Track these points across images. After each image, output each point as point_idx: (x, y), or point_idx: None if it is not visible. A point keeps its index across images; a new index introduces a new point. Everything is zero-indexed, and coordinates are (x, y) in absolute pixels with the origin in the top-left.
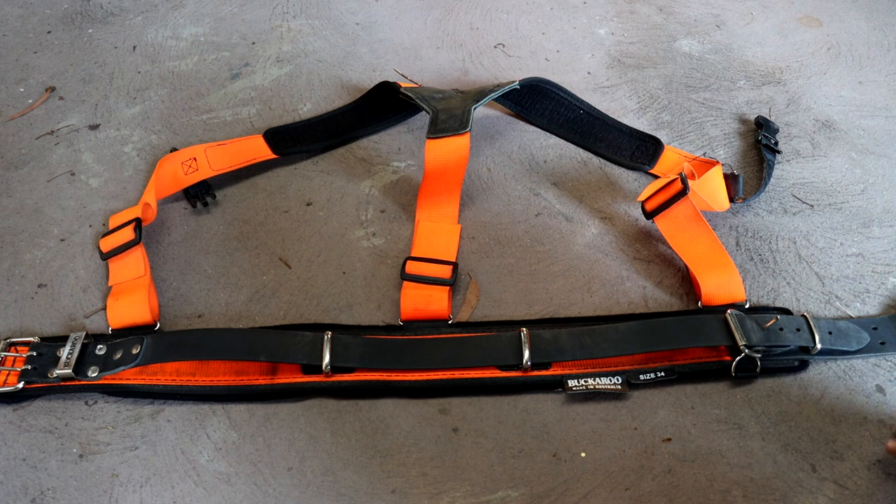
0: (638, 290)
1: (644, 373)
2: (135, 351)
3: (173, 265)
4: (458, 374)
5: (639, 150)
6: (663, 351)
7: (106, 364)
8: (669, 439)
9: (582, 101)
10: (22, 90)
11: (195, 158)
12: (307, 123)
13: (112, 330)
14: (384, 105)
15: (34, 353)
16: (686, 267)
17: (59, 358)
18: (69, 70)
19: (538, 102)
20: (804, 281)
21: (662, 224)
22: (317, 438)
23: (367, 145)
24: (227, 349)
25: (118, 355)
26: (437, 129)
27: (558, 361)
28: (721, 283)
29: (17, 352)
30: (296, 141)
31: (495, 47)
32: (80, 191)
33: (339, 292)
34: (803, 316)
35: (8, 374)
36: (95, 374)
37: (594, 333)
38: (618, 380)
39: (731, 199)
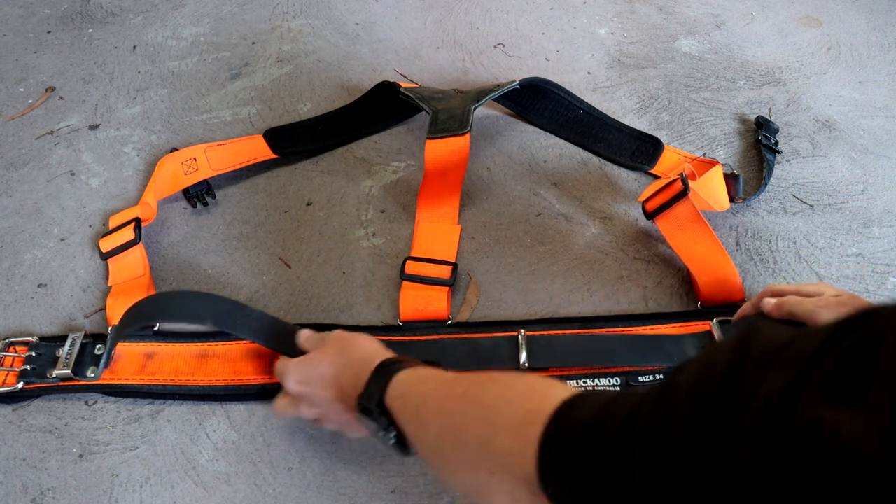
0: (638, 290)
1: (643, 375)
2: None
3: (173, 265)
4: None
5: (639, 150)
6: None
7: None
8: None
9: (582, 101)
10: (22, 90)
11: (195, 158)
12: (307, 123)
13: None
14: (384, 105)
15: (33, 354)
16: (686, 267)
17: (57, 358)
18: (69, 70)
19: (538, 102)
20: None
21: (663, 224)
22: (317, 438)
23: (367, 145)
24: (174, 312)
25: (104, 350)
26: (437, 130)
27: (557, 366)
28: (720, 284)
29: (16, 352)
30: (296, 141)
31: (495, 47)
32: (80, 191)
33: (339, 292)
34: None
35: (7, 375)
36: (94, 374)
37: (595, 341)
38: (617, 381)
39: (731, 199)
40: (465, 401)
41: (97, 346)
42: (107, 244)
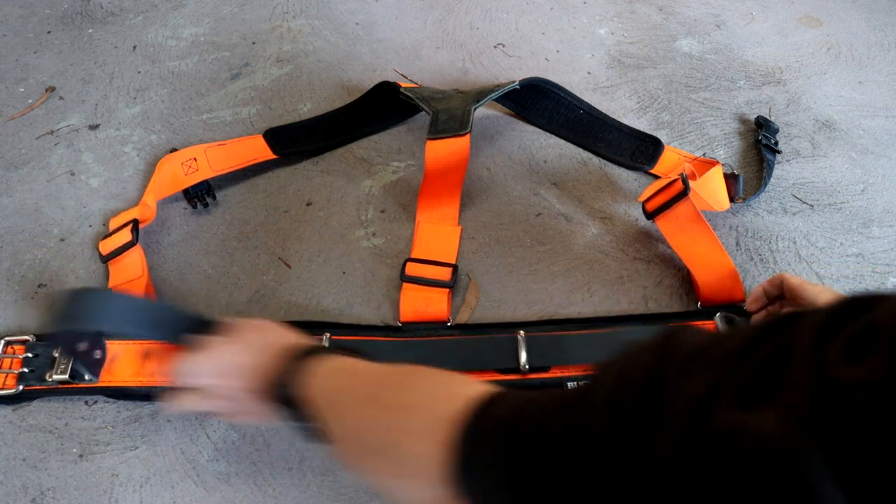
0: (638, 290)
1: None
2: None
3: (173, 265)
4: None
5: (639, 150)
6: None
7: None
8: None
9: (582, 101)
10: (22, 90)
11: (195, 158)
12: (307, 123)
13: None
14: (384, 105)
15: (30, 355)
16: (686, 267)
17: (55, 359)
18: (69, 70)
19: (538, 102)
20: None
21: (663, 224)
22: None
23: (367, 145)
24: (122, 324)
25: (100, 353)
26: (438, 130)
27: (558, 365)
28: (720, 284)
29: (13, 352)
30: (296, 141)
31: (495, 47)
32: (80, 191)
33: (339, 292)
34: None
35: (6, 377)
36: (91, 377)
37: (595, 341)
38: None
39: (731, 199)
40: (378, 404)
41: (95, 351)
42: (106, 247)
